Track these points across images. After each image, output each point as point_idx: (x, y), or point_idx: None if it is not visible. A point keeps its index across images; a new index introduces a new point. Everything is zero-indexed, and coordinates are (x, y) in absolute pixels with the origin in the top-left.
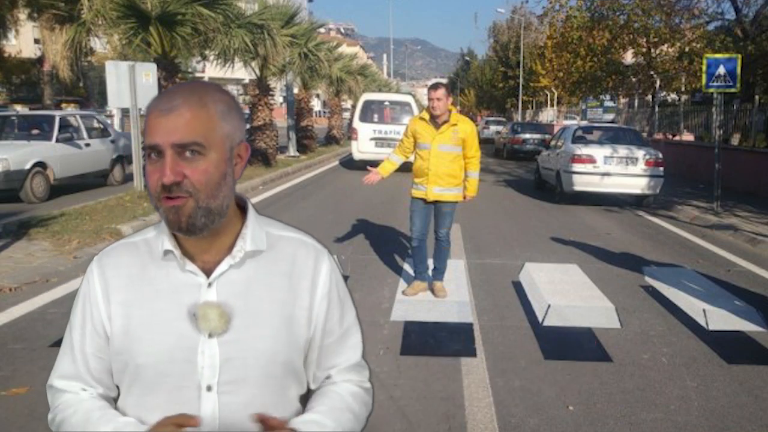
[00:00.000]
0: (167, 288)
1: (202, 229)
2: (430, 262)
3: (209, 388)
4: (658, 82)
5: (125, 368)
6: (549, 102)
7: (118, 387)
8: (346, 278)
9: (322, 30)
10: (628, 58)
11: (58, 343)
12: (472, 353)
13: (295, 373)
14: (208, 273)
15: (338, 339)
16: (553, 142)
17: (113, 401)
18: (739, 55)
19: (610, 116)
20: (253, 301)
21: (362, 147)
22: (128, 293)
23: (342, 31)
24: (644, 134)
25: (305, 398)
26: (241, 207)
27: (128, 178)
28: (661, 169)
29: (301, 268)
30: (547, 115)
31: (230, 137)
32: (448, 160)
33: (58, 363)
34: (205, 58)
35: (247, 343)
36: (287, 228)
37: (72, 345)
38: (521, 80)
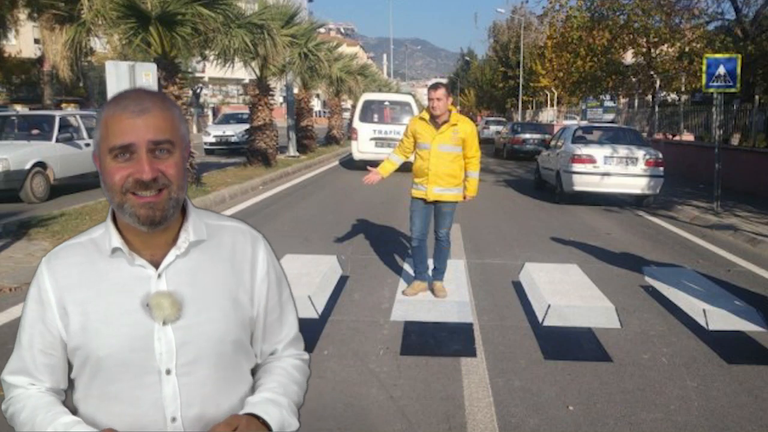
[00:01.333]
0: (119, 282)
1: (168, 219)
2: (430, 262)
3: (168, 372)
4: (658, 82)
5: (85, 362)
6: (549, 102)
7: (72, 381)
8: (345, 278)
9: (322, 30)
10: (628, 58)
11: None
12: (472, 353)
13: (244, 349)
14: (155, 265)
15: (279, 316)
16: (553, 142)
17: (62, 393)
18: (739, 55)
19: (610, 116)
20: (201, 288)
21: (362, 147)
22: (81, 291)
23: (342, 31)
24: (644, 134)
25: (253, 371)
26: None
27: None
28: (661, 169)
29: (240, 254)
30: (547, 115)
31: (185, 138)
32: (448, 160)
33: (10, 360)
34: (205, 58)
35: (199, 327)
36: (223, 218)
37: (20, 343)
38: (521, 80)
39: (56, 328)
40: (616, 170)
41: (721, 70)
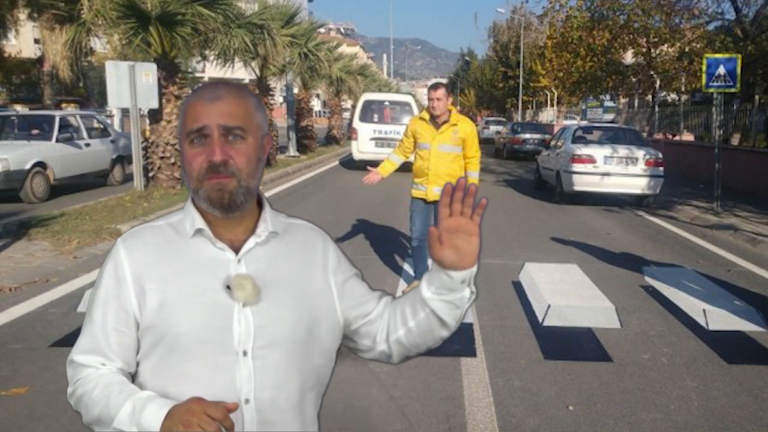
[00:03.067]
0: (199, 262)
1: (239, 206)
2: (430, 262)
3: (245, 353)
4: (658, 82)
5: (160, 340)
6: (549, 102)
7: (138, 363)
8: None
9: (322, 30)
10: (628, 58)
11: (58, 343)
12: (472, 353)
13: (318, 341)
14: (234, 251)
15: (367, 291)
16: (553, 142)
17: (131, 377)
18: (739, 55)
19: (610, 116)
20: (278, 275)
21: (362, 147)
22: (161, 269)
23: (342, 31)
24: (644, 134)
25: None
26: (258, 197)
27: (128, 178)
28: (661, 169)
29: (311, 248)
30: (547, 115)
31: (261, 127)
32: (448, 160)
33: (79, 340)
34: (205, 58)
35: (276, 312)
36: (293, 217)
37: (93, 321)
38: (521, 80)
39: (131, 305)
40: (616, 170)
41: (721, 70)
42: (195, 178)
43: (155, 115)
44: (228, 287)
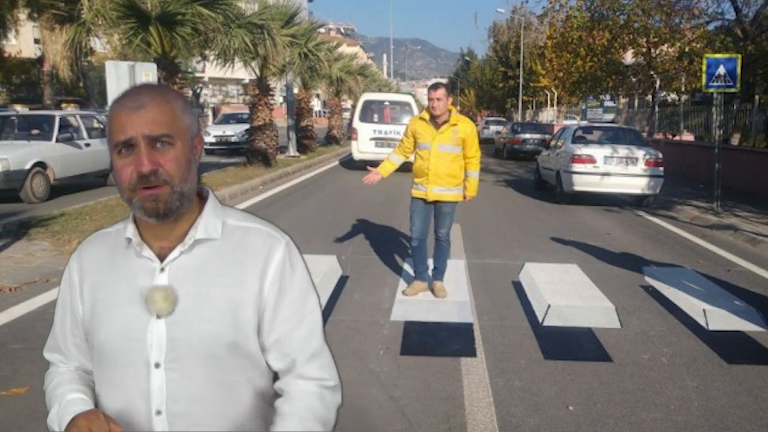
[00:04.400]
0: (127, 272)
1: (175, 212)
2: (430, 262)
3: (157, 365)
4: (658, 82)
5: (92, 346)
6: (549, 102)
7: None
8: (345, 278)
9: (322, 30)
10: (628, 58)
11: None
12: (472, 353)
13: (246, 355)
14: (163, 259)
15: (294, 325)
16: (553, 142)
17: (90, 372)
18: (739, 55)
19: (610, 116)
20: (201, 286)
21: (362, 147)
22: (96, 278)
23: (342, 31)
24: (644, 134)
25: (274, 377)
26: (203, 197)
27: None
28: (661, 169)
29: (253, 256)
30: (547, 115)
31: (190, 128)
32: (448, 160)
33: (48, 338)
34: (205, 58)
35: (192, 325)
36: (248, 218)
37: (55, 322)
38: (521, 80)
39: (78, 310)
40: (616, 170)
41: (721, 70)
42: (127, 188)
43: None
44: (144, 298)
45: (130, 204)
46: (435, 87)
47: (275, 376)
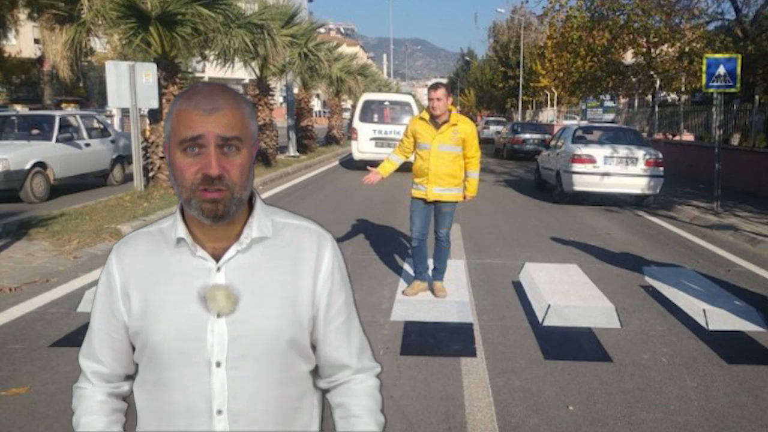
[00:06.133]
0: (180, 272)
1: (231, 215)
2: (430, 262)
3: (218, 364)
4: (658, 82)
5: (144, 347)
6: (549, 102)
7: (137, 365)
8: None
9: (322, 30)
10: (628, 58)
11: (58, 343)
12: (472, 353)
13: (300, 350)
14: (217, 258)
15: (345, 321)
16: (553, 142)
17: (124, 378)
18: (739, 55)
19: (610, 116)
20: (259, 284)
21: (362, 147)
22: (145, 277)
23: (342, 31)
24: (644, 134)
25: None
26: (250, 197)
27: (128, 178)
28: (661, 169)
29: (304, 253)
30: (547, 115)
31: (254, 136)
32: (448, 160)
33: (84, 343)
34: (205, 58)
35: (253, 322)
36: (292, 216)
37: (91, 327)
38: (521, 80)
39: (120, 312)
40: (616, 170)
41: (721, 70)
42: (188, 188)
43: (155, 115)
44: (204, 297)
45: (188, 204)
46: (435, 87)
47: (316, 371)
